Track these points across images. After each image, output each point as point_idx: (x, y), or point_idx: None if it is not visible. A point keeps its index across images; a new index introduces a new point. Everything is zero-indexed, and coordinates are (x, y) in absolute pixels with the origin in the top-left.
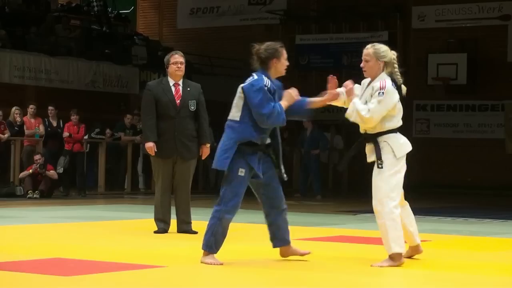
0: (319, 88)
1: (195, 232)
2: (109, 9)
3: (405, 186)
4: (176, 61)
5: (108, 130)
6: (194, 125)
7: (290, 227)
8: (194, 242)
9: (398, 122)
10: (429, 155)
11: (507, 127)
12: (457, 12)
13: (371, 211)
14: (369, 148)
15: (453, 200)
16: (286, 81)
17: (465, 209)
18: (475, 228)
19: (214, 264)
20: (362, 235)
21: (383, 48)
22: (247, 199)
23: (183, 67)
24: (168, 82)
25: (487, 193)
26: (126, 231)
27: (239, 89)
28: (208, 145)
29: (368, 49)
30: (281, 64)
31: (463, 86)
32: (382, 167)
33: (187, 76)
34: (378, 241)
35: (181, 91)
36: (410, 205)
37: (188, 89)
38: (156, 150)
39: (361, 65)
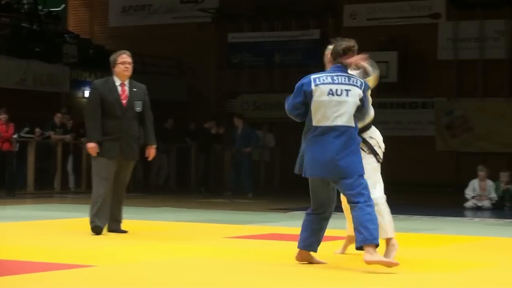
0: (251, 86)
1: (125, 231)
2: (40, 7)
3: None
4: (124, 61)
5: (37, 129)
6: (139, 126)
7: (221, 225)
8: (126, 241)
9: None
10: None
11: (437, 124)
12: (388, 11)
13: (301, 208)
14: None
15: None
16: (218, 79)
17: (395, 206)
18: (405, 224)
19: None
20: (293, 232)
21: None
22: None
23: (130, 67)
24: (114, 81)
25: (417, 189)
26: (55, 231)
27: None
28: (155, 146)
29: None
30: None
31: (394, 84)
32: (381, 161)
33: None
34: None
35: (127, 92)
36: (340, 203)
37: (134, 89)
38: (99, 151)
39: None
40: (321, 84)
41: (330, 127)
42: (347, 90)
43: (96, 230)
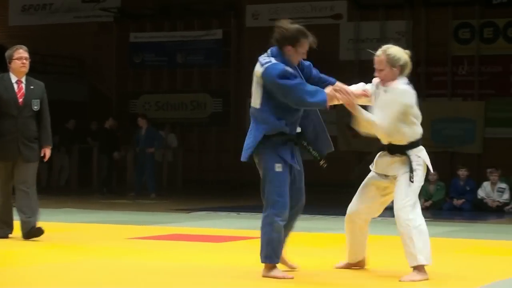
0: (154, 86)
1: (42, 232)
2: None
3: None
4: (21, 56)
5: None
6: (36, 125)
7: (123, 226)
8: (24, 244)
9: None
10: None
11: (339, 125)
12: (290, 11)
13: (204, 209)
14: (391, 160)
15: None
16: (119, 79)
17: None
18: (309, 224)
19: (284, 278)
20: (195, 233)
21: (396, 52)
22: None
23: (27, 63)
24: (10, 78)
25: (321, 189)
26: None
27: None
28: (51, 147)
29: (380, 57)
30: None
31: None
32: (413, 181)
33: None
34: (210, 238)
35: (24, 89)
36: (248, 205)
37: (32, 87)
38: None
39: (375, 74)
40: None
41: None
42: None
43: (1, 235)
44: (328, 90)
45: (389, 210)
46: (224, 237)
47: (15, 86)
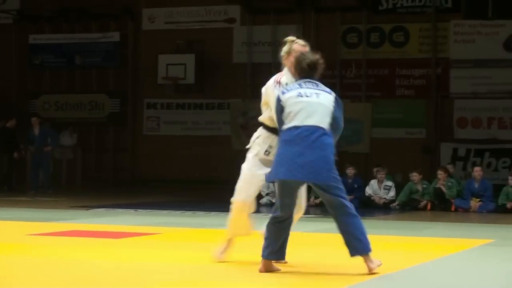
0: (53, 86)
1: None
2: None
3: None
4: None
5: None
6: None
7: (24, 223)
8: None
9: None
10: (159, 151)
11: (232, 124)
12: (186, 15)
13: (102, 206)
14: None
15: (183, 194)
16: (19, 80)
17: (193, 203)
18: (204, 220)
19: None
20: (94, 229)
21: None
22: None
23: None
24: None
25: (215, 187)
26: None
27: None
28: None
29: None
30: None
31: (191, 85)
32: None
33: None
34: (109, 234)
35: None
36: (145, 202)
37: None
38: None
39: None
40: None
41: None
42: (316, 93)
43: None
44: None
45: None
46: (122, 233)
47: None
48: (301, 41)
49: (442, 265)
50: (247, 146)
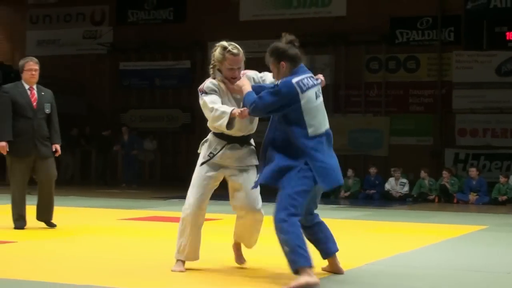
0: (138, 103)
1: (54, 225)
2: None
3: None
4: (31, 68)
5: None
6: (47, 126)
7: (115, 210)
8: (39, 223)
9: None
10: None
11: None
12: (243, 47)
13: (177, 197)
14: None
15: None
16: (111, 98)
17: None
18: None
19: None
20: (170, 215)
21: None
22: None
23: (37, 74)
24: (23, 86)
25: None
26: None
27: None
28: (60, 144)
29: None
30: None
31: None
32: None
33: None
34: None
35: (36, 95)
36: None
37: (43, 93)
38: (9, 150)
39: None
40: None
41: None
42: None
43: (17, 227)
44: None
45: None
46: None
47: (28, 92)
48: (234, 50)
49: (446, 246)
50: (198, 151)
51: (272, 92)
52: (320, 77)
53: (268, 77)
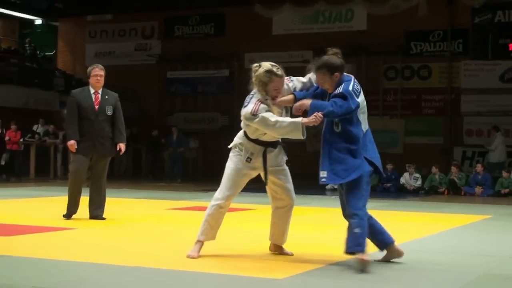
0: (183, 107)
1: (104, 218)
2: (38, 52)
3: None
4: (96, 74)
5: (37, 135)
6: (110, 127)
7: (162, 201)
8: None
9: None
10: None
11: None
12: (274, 58)
13: (216, 190)
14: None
15: None
16: (160, 102)
17: None
18: None
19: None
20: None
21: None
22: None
23: (102, 79)
24: (89, 90)
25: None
26: (47, 205)
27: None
28: (125, 143)
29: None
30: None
31: None
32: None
33: None
34: None
35: (100, 99)
36: (246, 187)
37: (106, 97)
38: (76, 147)
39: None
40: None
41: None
42: None
43: (67, 216)
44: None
45: None
46: (229, 209)
47: (93, 96)
48: (279, 72)
49: (455, 232)
50: (229, 146)
51: (342, 99)
52: None
53: (295, 82)
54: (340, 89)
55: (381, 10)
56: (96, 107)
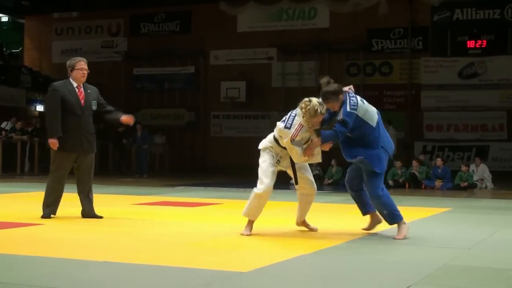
0: (149, 103)
1: (101, 217)
2: (4, 49)
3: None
4: (82, 67)
5: (3, 132)
6: (93, 123)
7: (129, 196)
8: (69, 209)
9: None
10: (222, 147)
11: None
12: (240, 55)
13: (185, 184)
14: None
15: (238, 176)
16: (126, 99)
17: (245, 183)
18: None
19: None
20: (177, 200)
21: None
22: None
23: (86, 73)
24: (72, 84)
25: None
26: (15, 201)
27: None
28: (124, 114)
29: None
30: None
31: (243, 102)
32: None
33: None
34: (187, 204)
35: (83, 93)
36: (209, 181)
37: (89, 91)
38: (59, 145)
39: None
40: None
41: None
42: None
43: (45, 216)
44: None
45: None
46: (196, 203)
47: (76, 90)
48: (323, 111)
49: (416, 225)
50: (260, 147)
51: (342, 125)
52: (350, 87)
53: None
54: (341, 114)
55: (343, 8)
56: (82, 101)
